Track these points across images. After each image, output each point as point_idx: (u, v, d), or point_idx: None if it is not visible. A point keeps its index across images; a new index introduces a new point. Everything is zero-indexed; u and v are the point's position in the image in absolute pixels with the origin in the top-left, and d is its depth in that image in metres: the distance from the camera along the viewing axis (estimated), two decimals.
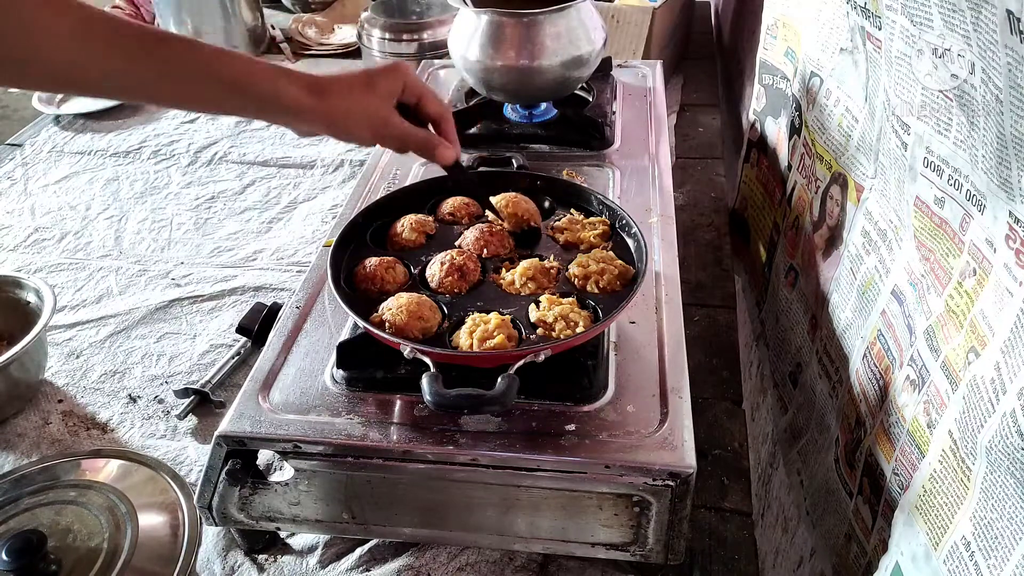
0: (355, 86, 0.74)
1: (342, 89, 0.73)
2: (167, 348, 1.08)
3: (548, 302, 0.75)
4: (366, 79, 0.75)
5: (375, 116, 0.75)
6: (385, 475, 0.71)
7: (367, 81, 0.74)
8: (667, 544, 0.70)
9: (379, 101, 0.75)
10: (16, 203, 1.40)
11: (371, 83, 0.74)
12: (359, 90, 0.74)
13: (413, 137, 0.78)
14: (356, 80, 0.74)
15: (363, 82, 0.74)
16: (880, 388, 0.73)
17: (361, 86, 0.74)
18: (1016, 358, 0.48)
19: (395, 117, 0.76)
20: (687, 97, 1.70)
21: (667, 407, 0.71)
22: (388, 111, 0.75)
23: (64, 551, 0.69)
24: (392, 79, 0.76)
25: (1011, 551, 0.48)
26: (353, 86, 0.74)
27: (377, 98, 0.75)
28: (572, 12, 1.09)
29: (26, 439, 0.94)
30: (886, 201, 0.74)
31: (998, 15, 0.48)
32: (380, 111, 0.75)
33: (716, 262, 1.22)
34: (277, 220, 1.35)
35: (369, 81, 0.75)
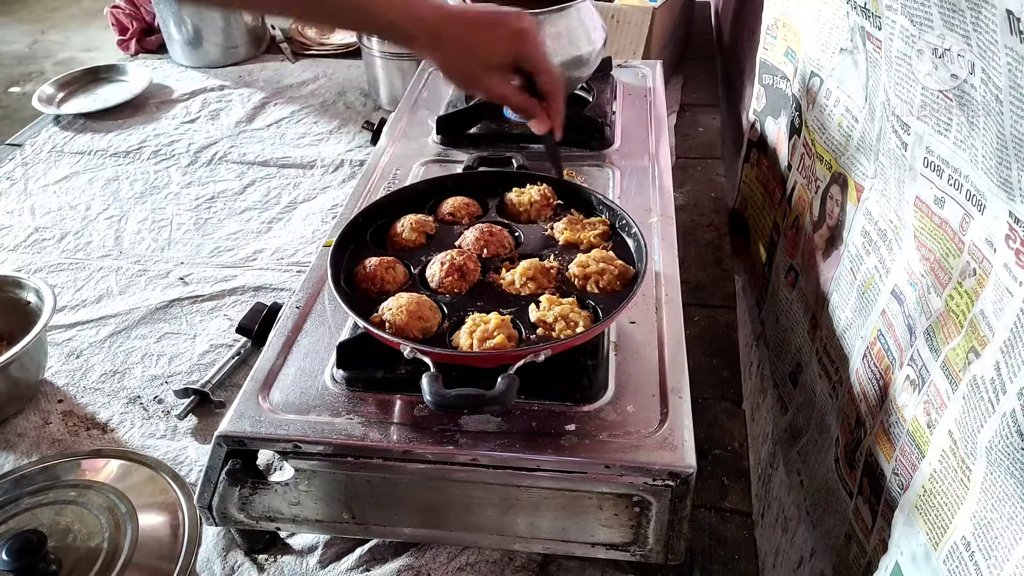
0: (477, 33, 0.75)
1: (460, 42, 0.75)
2: (167, 348, 1.08)
3: (548, 302, 0.75)
4: (492, 29, 0.76)
5: (480, 76, 0.77)
6: (385, 475, 0.71)
7: (492, 33, 0.76)
8: (667, 544, 0.70)
9: (493, 58, 0.76)
10: (16, 203, 1.40)
11: (495, 37, 0.76)
12: (478, 39, 0.76)
13: (512, 100, 0.80)
14: (484, 23, 0.76)
15: (486, 33, 0.76)
16: (880, 388, 0.73)
17: (481, 37, 0.76)
18: (1016, 358, 0.48)
19: (499, 76, 0.77)
20: (687, 97, 1.70)
21: (667, 407, 0.71)
22: (495, 69, 0.77)
23: (64, 551, 0.69)
24: (508, 47, 0.77)
25: (1011, 551, 0.48)
26: (474, 33, 0.75)
27: (492, 53, 0.76)
28: (572, 12, 1.09)
29: (26, 439, 0.94)
30: (886, 201, 0.74)
31: (998, 15, 0.48)
32: (487, 66, 0.76)
33: (716, 262, 1.22)
34: (277, 220, 1.35)
35: (494, 34, 0.76)
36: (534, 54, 0.78)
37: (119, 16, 1.96)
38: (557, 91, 0.81)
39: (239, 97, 1.74)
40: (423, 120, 1.22)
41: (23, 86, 3.91)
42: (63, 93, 1.74)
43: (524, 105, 0.80)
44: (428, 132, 1.18)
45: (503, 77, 0.78)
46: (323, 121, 1.64)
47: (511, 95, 0.79)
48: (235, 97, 1.74)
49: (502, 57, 0.77)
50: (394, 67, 1.61)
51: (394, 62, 1.60)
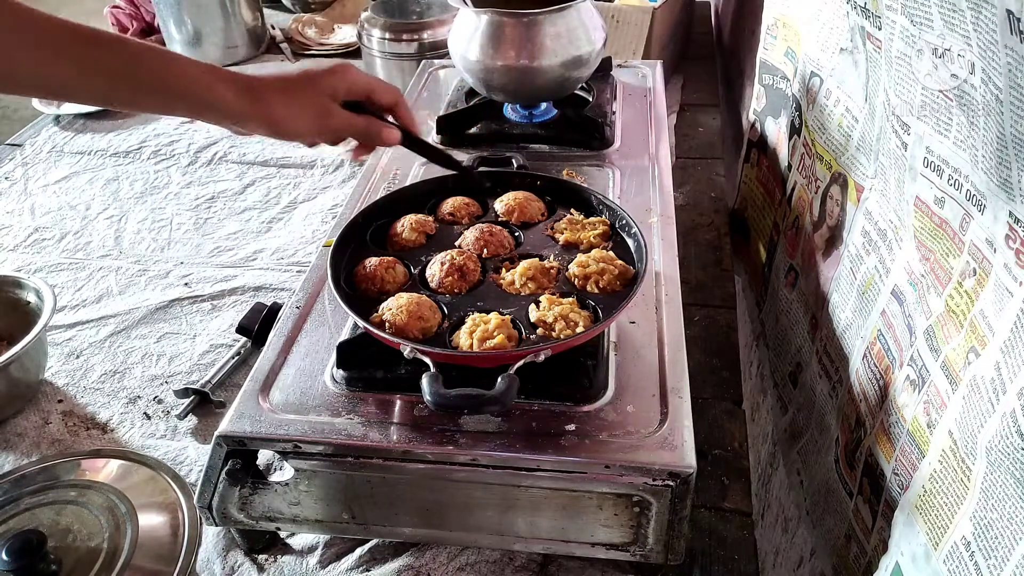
0: (293, 86, 0.73)
1: (279, 89, 0.72)
2: (167, 348, 1.08)
3: (548, 302, 0.75)
4: (305, 77, 0.74)
5: (314, 113, 0.74)
6: (385, 475, 0.71)
7: (306, 79, 0.74)
8: (667, 544, 0.70)
9: (318, 98, 0.74)
10: (16, 203, 1.40)
11: (310, 81, 0.74)
12: (297, 88, 0.73)
13: (357, 125, 0.77)
14: (294, 80, 0.73)
15: (302, 80, 0.74)
16: (880, 388, 0.73)
17: (300, 84, 0.73)
18: (1016, 358, 0.48)
19: (335, 112, 0.75)
20: (687, 97, 1.70)
21: (667, 407, 0.71)
22: (328, 107, 0.74)
23: (64, 551, 0.69)
24: (332, 79, 0.75)
25: (1011, 551, 0.48)
26: (291, 85, 0.73)
27: (316, 96, 0.74)
28: (572, 12, 1.09)
29: (26, 439, 0.94)
30: (886, 201, 0.74)
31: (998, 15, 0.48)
32: (319, 108, 0.74)
33: (716, 262, 1.22)
34: (277, 220, 1.35)
35: (308, 79, 0.74)
36: (361, 79, 0.77)
37: (119, 16, 1.96)
38: (397, 96, 0.80)
39: None
40: (423, 120, 1.22)
41: None
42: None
43: (368, 122, 0.78)
44: (428, 132, 1.18)
45: (339, 110, 0.76)
46: None
47: (355, 120, 0.77)
48: None
49: (333, 93, 0.75)
50: (394, 67, 1.61)
51: (394, 62, 1.60)
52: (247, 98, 0.70)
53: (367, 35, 1.61)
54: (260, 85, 0.72)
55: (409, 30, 1.59)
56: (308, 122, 0.74)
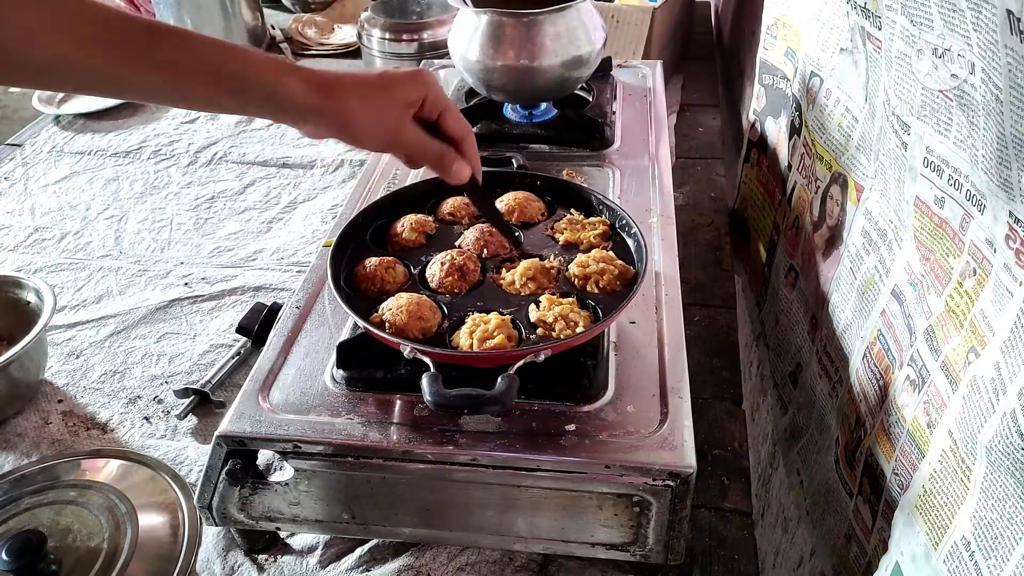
0: (370, 88, 0.68)
1: (354, 89, 0.67)
2: (167, 348, 1.08)
3: (548, 302, 0.75)
4: (383, 82, 0.69)
5: (388, 123, 0.69)
6: (385, 475, 0.71)
7: (384, 84, 0.69)
8: (667, 544, 0.70)
9: (394, 108, 0.69)
10: (16, 203, 1.40)
11: (388, 87, 0.69)
12: (373, 93, 0.68)
13: (429, 150, 0.72)
14: (371, 81, 0.69)
15: (379, 85, 0.69)
16: (880, 388, 0.73)
17: (376, 89, 0.68)
18: (1016, 358, 0.48)
19: (409, 127, 0.70)
20: (687, 97, 1.70)
21: (667, 407, 0.71)
22: (403, 120, 0.70)
23: (64, 551, 0.69)
24: (412, 87, 0.70)
25: (1011, 551, 0.48)
26: (367, 87, 0.68)
27: (392, 104, 0.69)
28: (572, 12, 1.09)
29: (26, 439, 0.94)
30: (886, 201, 0.74)
31: (998, 15, 0.48)
32: (394, 118, 0.69)
33: (716, 262, 1.22)
34: (277, 220, 1.35)
35: (386, 84, 0.69)
36: (440, 95, 0.71)
37: None
38: (468, 131, 0.74)
39: None
40: None
41: None
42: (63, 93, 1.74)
43: (442, 152, 0.73)
44: None
45: (413, 124, 0.70)
46: None
47: (428, 143, 0.72)
48: None
49: (409, 102, 0.69)
50: (394, 67, 1.61)
51: (394, 62, 1.60)
52: (318, 94, 0.66)
53: (367, 35, 1.61)
54: (334, 83, 0.67)
55: (409, 30, 1.59)
56: (380, 131, 0.69)
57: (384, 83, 0.69)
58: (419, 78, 0.70)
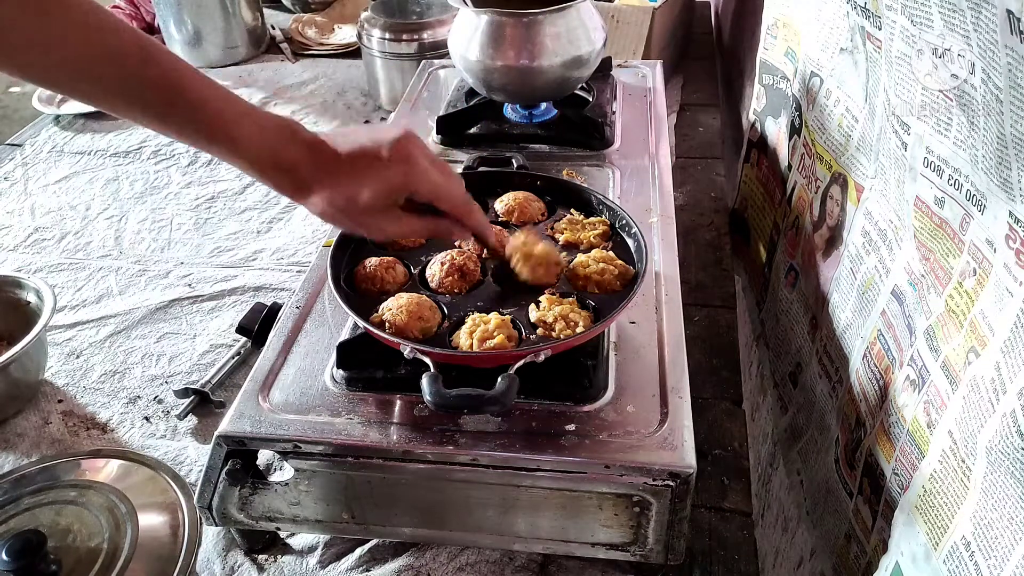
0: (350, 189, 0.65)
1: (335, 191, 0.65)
2: (167, 348, 1.08)
3: (548, 302, 0.75)
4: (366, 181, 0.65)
5: (369, 225, 0.68)
6: (385, 475, 0.71)
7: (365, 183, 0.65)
8: (667, 544, 0.70)
9: (376, 207, 0.66)
10: (16, 203, 1.40)
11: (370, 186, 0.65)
12: (353, 194, 0.65)
13: (419, 233, 0.74)
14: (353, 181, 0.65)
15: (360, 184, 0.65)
16: (880, 388, 0.73)
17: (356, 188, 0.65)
18: (1016, 358, 0.48)
19: (393, 222, 0.68)
20: (687, 97, 1.70)
21: (667, 407, 0.71)
22: (385, 218, 0.68)
23: (64, 551, 0.69)
24: (395, 186, 0.66)
25: (1011, 551, 0.48)
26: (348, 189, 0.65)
27: (372, 204, 0.66)
28: (572, 12, 1.09)
29: (26, 439, 0.94)
30: (886, 201, 0.74)
31: (998, 15, 0.48)
32: (375, 220, 0.67)
33: (716, 262, 1.22)
34: (277, 220, 1.35)
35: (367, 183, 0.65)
36: (428, 186, 0.67)
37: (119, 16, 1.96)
38: (467, 208, 0.71)
39: None
40: (423, 120, 1.22)
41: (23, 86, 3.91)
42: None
43: (438, 230, 0.71)
44: (428, 132, 1.18)
45: (398, 216, 0.68)
46: (323, 121, 1.64)
47: (416, 227, 0.70)
48: None
49: (392, 198, 0.66)
50: (394, 67, 1.61)
51: (394, 62, 1.60)
52: (300, 191, 0.65)
53: (367, 35, 1.61)
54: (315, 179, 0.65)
55: (409, 30, 1.59)
56: (361, 228, 0.69)
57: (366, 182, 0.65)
58: (404, 177, 0.66)
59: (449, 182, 0.69)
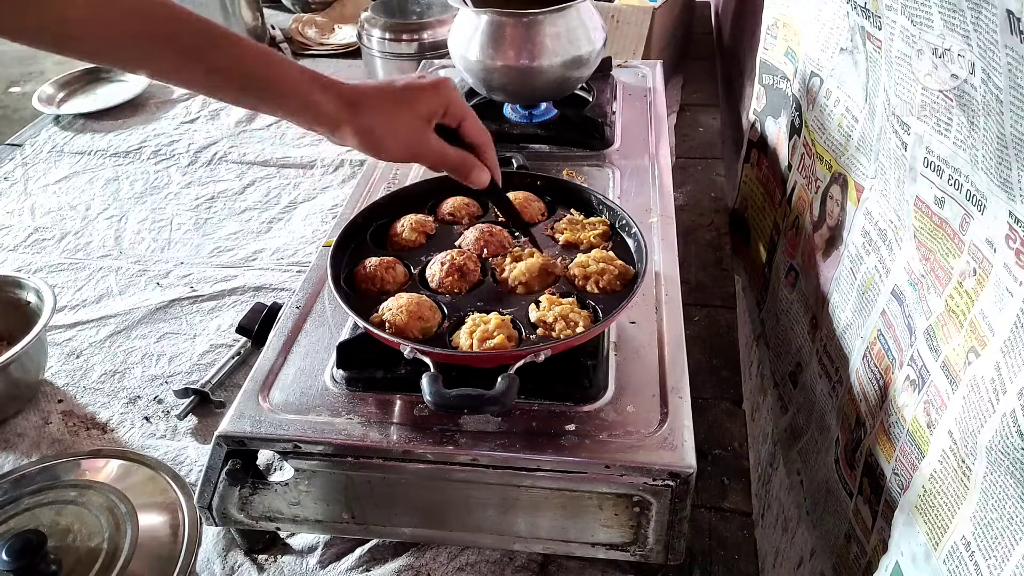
0: (393, 101, 0.71)
1: (379, 103, 0.71)
2: (167, 348, 1.08)
3: (548, 302, 0.75)
4: (405, 94, 0.72)
5: (411, 136, 0.72)
6: (385, 475, 0.71)
7: (405, 97, 0.72)
8: (667, 544, 0.70)
9: (416, 120, 0.72)
10: (16, 203, 1.40)
11: (410, 100, 0.72)
12: (396, 105, 0.72)
13: (450, 159, 0.75)
14: (394, 94, 0.72)
15: (400, 98, 0.72)
16: (880, 388, 0.73)
17: (399, 101, 0.72)
18: (1016, 358, 0.48)
19: (431, 138, 0.73)
20: (687, 97, 1.70)
21: (667, 407, 0.71)
22: (425, 131, 0.73)
23: (64, 551, 0.69)
24: (434, 99, 0.73)
25: (1011, 551, 0.48)
26: (391, 100, 0.71)
27: (414, 116, 0.72)
28: (572, 12, 1.09)
29: (26, 439, 0.94)
30: (886, 201, 0.74)
31: (998, 15, 0.48)
32: (416, 131, 0.72)
33: (716, 262, 1.22)
34: (277, 220, 1.35)
35: (408, 97, 0.72)
36: (460, 104, 0.74)
37: None
38: (488, 140, 0.77)
39: None
40: None
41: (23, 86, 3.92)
42: (63, 93, 1.74)
43: (463, 159, 0.76)
44: None
45: (434, 135, 0.74)
46: None
47: (449, 152, 0.75)
48: None
49: (431, 113, 0.73)
50: (394, 67, 1.61)
51: (394, 62, 1.60)
52: (345, 110, 0.70)
53: (367, 35, 1.61)
54: (359, 97, 0.70)
55: (409, 30, 1.59)
56: (402, 145, 0.73)
57: (406, 96, 0.72)
58: (440, 89, 0.73)
59: (475, 115, 0.76)
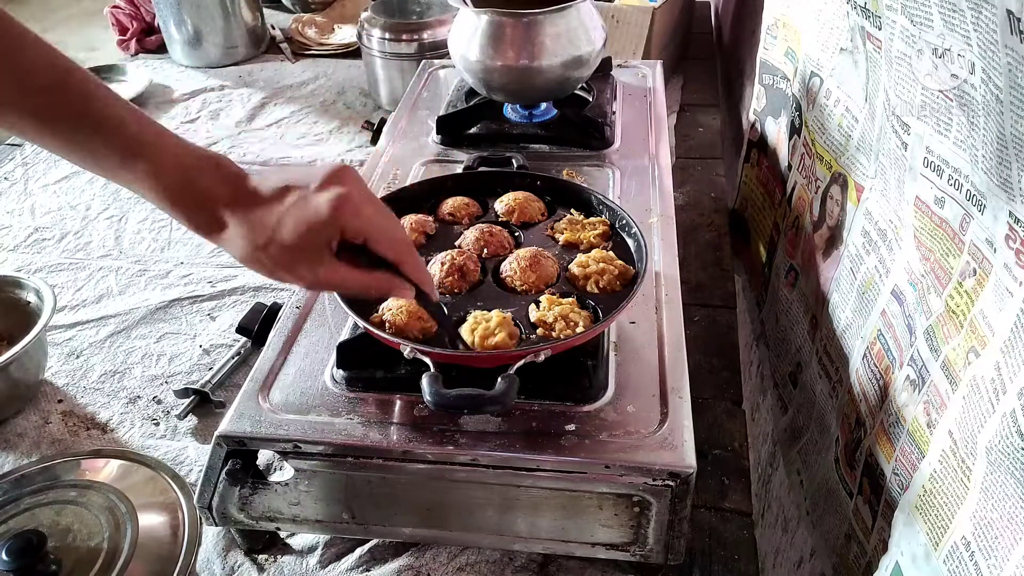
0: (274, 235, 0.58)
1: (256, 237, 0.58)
2: (167, 348, 1.08)
3: (548, 302, 0.75)
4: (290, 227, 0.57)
5: (298, 275, 0.60)
6: (385, 475, 0.71)
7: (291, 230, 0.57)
8: (667, 544, 0.70)
9: (302, 257, 0.59)
10: (16, 203, 1.40)
11: (295, 232, 0.57)
12: (277, 239, 0.58)
13: (352, 286, 0.62)
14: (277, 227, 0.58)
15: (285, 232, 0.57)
16: (880, 388, 0.73)
17: (281, 234, 0.57)
18: (1016, 358, 0.48)
19: (323, 271, 0.59)
20: (687, 97, 1.70)
21: (667, 407, 0.71)
22: (313, 267, 0.59)
23: (64, 551, 0.69)
24: (323, 230, 0.58)
25: (1011, 551, 0.48)
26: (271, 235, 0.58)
27: (300, 254, 0.58)
28: (572, 12, 1.09)
29: (26, 439, 0.94)
30: (886, 201, 0.74)
31: (998, 15, 0.48)
32: (303, 269, 0.59)
33: (716, 262, 1.22)
34: None
35: (293, 230, 0.57)
36: (359, 225, 0.59)
37: (119, 16, 1.96)
38: (406, 251, 0.63)
39: (239, 97, 1.74)
40: (423, 120, 1.22)
41: None
42: None
43: (374, 283, 0.62)
44: (428, 132, 1.18)
45: (330, 265, 0.59)
46: (323, 121, 1.64)
47: (349, 279, 0.61)
48: (235, 97, 1.74)
49: (321, 243, 0.58)
50: (394, 67, 1.61)
51: (394, 62, 1.60)
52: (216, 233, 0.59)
53: (367, 35, 1.61)
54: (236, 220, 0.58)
55: (409, 30, 1.59)
56: (290, 277, 0.61)
57: (291, 229, 0.57)
58: (333, 215, 0.57)
59: (387, 220, 0.62)
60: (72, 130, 0.57)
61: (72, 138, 0.57)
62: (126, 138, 0.57)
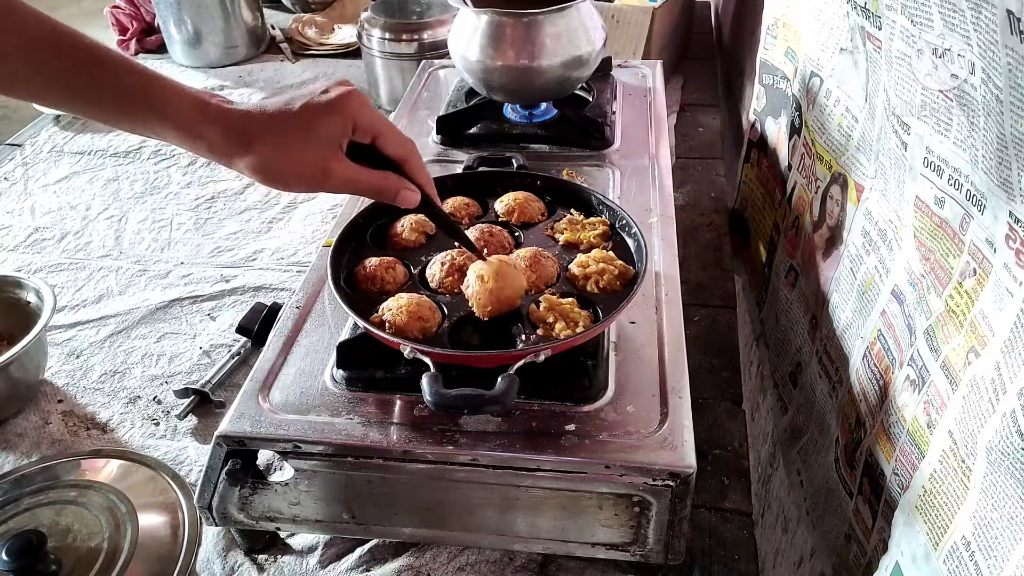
0: (289, 126, 0.62)
1: (272, 132, 0.62)
2: (167, 348, 1.08)
3: (548, 302, 0.75)
4: (303, 118, 0.62)
5: (314, 166, 0.63)
6: (385, 475, 0.71)
7: (304, 121, 0.62)
8: (667, 544, 0.70)
9: (318, 147, 0.63)
10: (16, 203, 1.40)
11: (308, 124, 0.62)
12: (293, 132, 0.62)
13: (363, 184, 0.66)
14: (290, 119, 0.62)
15: (299, 122, 0.62)
16: (880, 388, 0.73)
17: (296, 129, 0.62)
18: (1016, 358, 0.48)
19: (338, 166, 0.64)
20: (687, 97, 1.70)
21: (667, 407, 0.71)
22: (329, 159, 0.63)
23: (64, 551, 0.69)
24: (336, 118, 0.63)
25: (1011, 551, 0.48)
26: (287, 126, 0.62)
27: (316, 143, 0.63)
28: (572, 12, 1.09)
29: (26, 439, 0.94)
30: (886, 201, 0.74)
31: (998, 15, 0.48)
32: (319, 160, 0.63)
33: (716, 262, 1.22)
34: (277, 220, 1.35)
35: (306, 121, 0.62)
36: (370, 118, 0.64)
37: (119, 16, 1.96)
38: (412, 150, 0.67)
39: (239, 97, 1.73)
40: (423, 120, 1.22)
41: None
42: None
43: (381, 181, 0.66)
44: (428, 132, 1.18)
45: (342, 160, 0.64)
46: None
47: (362, 178, 0.65)
48: (235, 97, 1.72)
49: (335, 136, 0.63)
50: (394, 67, 1.61)
51: (394, 62, 1.60)
52: (235, 143, 0.61)
53: (367, 35, 1.61)
54: (251, 127, 0.61)
55: (409, 30, 1.59)
56: (304, 177, 0.64)
57: (303, 119, 0.62)
58: (343, 106, 0.63)
59: (391, 126, 0.66)
60: (77, 75, 0.60)
61: (76, 84, 0.60)
62: (137, 75, 0.60)
